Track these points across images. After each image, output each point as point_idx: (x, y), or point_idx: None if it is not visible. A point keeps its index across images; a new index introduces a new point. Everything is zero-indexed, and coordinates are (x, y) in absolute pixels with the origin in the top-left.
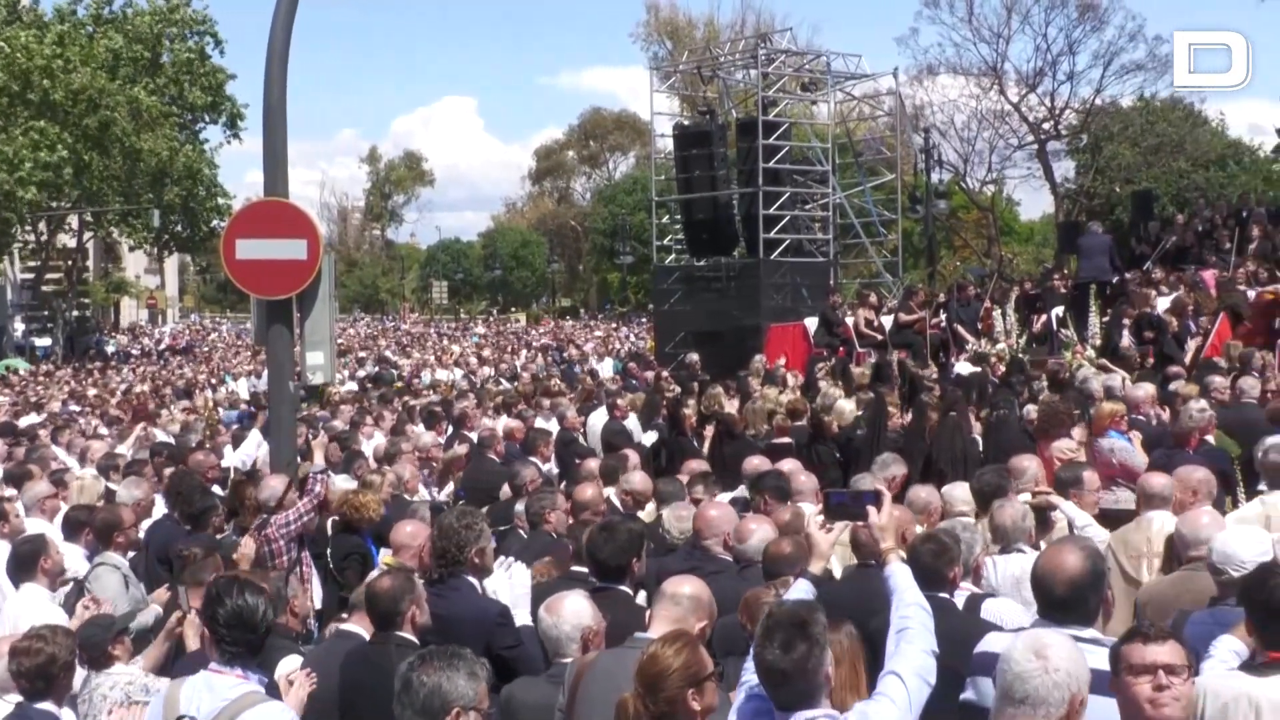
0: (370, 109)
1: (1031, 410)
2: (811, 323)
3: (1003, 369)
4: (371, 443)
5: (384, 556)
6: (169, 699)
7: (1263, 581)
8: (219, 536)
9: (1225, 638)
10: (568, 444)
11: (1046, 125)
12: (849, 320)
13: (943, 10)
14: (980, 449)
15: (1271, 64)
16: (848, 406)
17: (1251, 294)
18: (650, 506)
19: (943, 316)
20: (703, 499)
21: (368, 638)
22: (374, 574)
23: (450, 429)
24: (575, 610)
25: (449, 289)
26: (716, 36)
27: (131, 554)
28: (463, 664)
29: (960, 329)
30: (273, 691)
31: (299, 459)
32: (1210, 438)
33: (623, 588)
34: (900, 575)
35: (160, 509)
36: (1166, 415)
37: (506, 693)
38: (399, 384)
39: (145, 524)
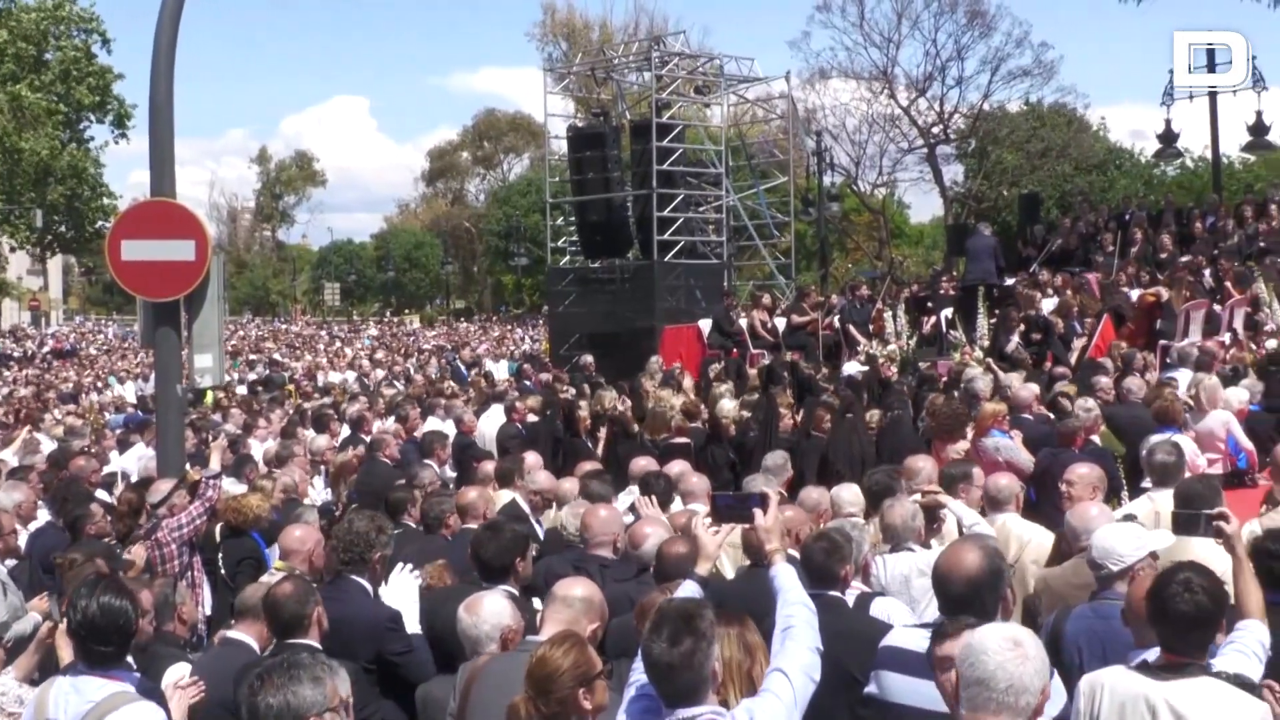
0: (260, 108)
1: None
2: (705, 324)
3: (893, 370)
4: (262, 446)
5: (275, 562)
6: (38, 703)
7: (1164, 585)
8: (106, 541)
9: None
10: (465, 447)
11: (936, 129)
12: (743, 322)
13: (834, 14)
14: (876, 450)
15: (1153, 70)
16: (729, 405)
17: (1134, 295)
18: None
19: (835, 318)
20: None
21: (256, 646)
22: (264, 578)
23: (346, 431)
24: (495, 610)
25: (341, 291)
26: (610, 38)
27: (12, 561)
28: (303, 672)
29: (852, 330)
30: (157, 698)
31: (187, 464)
32: (1096, 437)
33: (506, 588)
34: (785, 575)
35: (45, 515)
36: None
37: (423, 691)
38: (290, 387)
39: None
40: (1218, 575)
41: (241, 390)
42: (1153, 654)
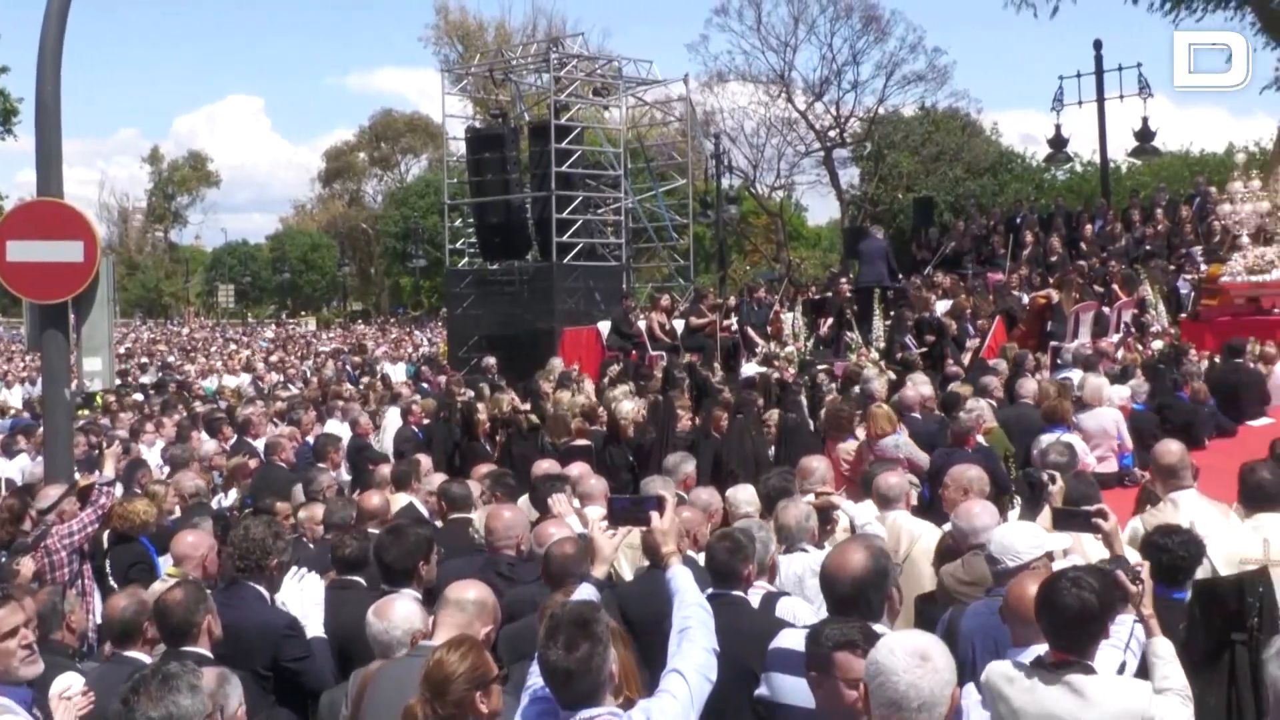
0: (152, 107)
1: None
2: (605, 326)
3: (791, 371)
4: (154, 450)
5: (168, 568)
6: None
7: (1052, 585)
8: None
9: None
10: (360, 450)
11: (832, 133)
12: (641, 324)
13: (732, 18)
14: (769, 450)
15: (1045, 76)
16: (629, 407)
17: (1025, 298)
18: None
19: (733, 320)
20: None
21: (146, 659)
22: (156, 585)
23: (235, 436)
24: (406, 614)
25: (236, 293)
26: (508, 40)
27: None
28: (180, 681)
29: (750, 332)
30: (43, 708)
31: (76, 470)
32: (981, 437)
33: (409, 591)
34: (681, 577)
35: None
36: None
37: (329, 698)
38: (182, 390)
39: None
40: (1109, 576)
41: (138, 396)
42: (1043, 650)
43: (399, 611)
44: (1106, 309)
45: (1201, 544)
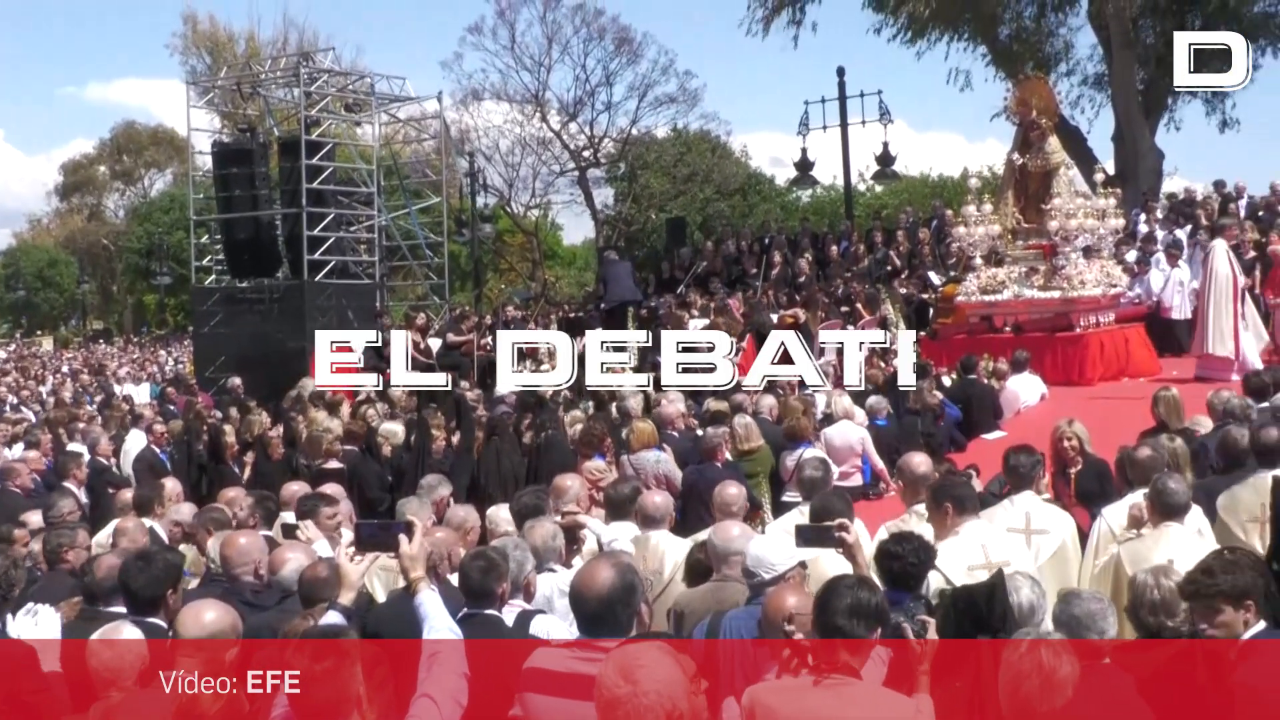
0: None
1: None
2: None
3: (547, 390)
4: None
5: None
6: None
7: (823, 596)
8: None
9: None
10: (100, 473)
11: (587, 153)
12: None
13: (486, 37)
14: (525, 469)
15: (791, 101)
16: (396, 429)
17: (775, 317)
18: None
19: (490, 339)
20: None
21: None
22: None
23: None
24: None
25: None
26: (258, 53)
27: None
28: None
29: None
30: None
31: None
32: (728, 454)
33: (156, 620)
34: (429, 603)
35: None
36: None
37: None
38: None
39: None
40: (879, 587)
41: None
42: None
43: (125, 639)
44: (851, 328)
45: (932, 549)
